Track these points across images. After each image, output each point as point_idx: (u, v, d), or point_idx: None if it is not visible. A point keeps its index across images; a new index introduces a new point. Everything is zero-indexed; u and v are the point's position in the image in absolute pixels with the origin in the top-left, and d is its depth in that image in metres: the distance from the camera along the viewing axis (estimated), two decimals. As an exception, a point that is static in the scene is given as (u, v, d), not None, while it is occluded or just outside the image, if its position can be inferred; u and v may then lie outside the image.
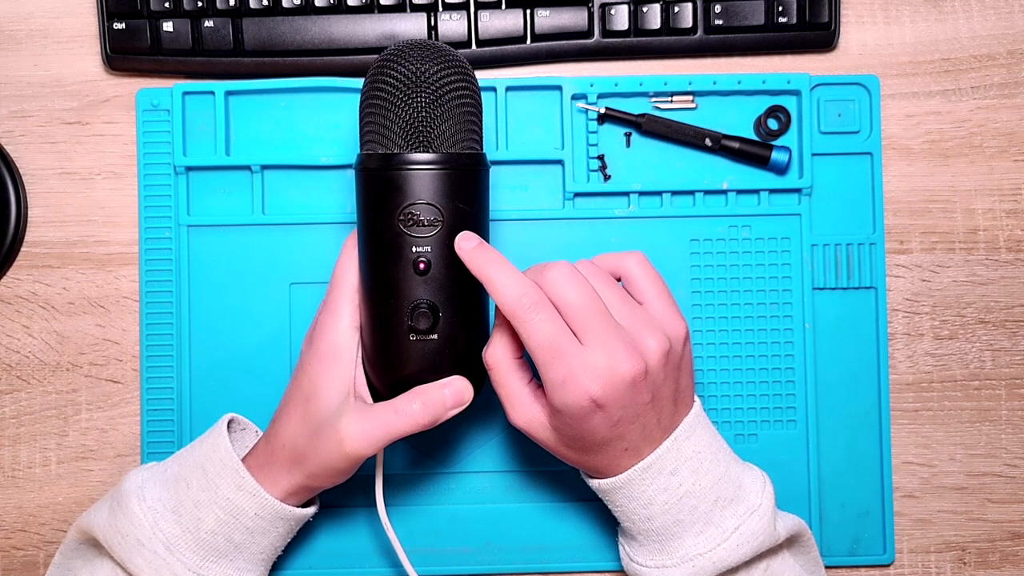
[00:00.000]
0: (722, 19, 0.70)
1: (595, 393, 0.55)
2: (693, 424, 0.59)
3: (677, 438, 0.58)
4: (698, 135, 0.70)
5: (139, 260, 0.70)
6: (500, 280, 0.55)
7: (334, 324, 0.60)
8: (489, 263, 0.56)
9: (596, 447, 0.57)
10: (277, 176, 0.70)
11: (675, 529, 0.59)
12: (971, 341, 0.71)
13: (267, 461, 0.60)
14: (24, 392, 0.71)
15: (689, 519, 0.58)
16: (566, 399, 0.55)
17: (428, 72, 0.57)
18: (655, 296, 0.59)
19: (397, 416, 0.58)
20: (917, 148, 0.71)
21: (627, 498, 0.59)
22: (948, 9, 0.72)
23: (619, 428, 0.56)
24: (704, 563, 0.58)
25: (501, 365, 0.58)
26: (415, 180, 0.56)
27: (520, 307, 0.54)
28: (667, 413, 0.58)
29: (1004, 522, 0.71)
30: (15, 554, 0.70)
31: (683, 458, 0.58)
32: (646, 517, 0.59)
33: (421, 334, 0.58)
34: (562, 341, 0.55)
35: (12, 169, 0.71)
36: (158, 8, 0.69)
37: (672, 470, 0.58)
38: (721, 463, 0.59)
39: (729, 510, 0.59)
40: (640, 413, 0.57)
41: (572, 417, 0.56)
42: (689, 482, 0.58)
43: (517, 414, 0.58)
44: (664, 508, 0.58)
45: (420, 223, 0.57)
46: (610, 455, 0.58)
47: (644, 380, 0.56)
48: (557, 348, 0.54)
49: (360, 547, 0.69)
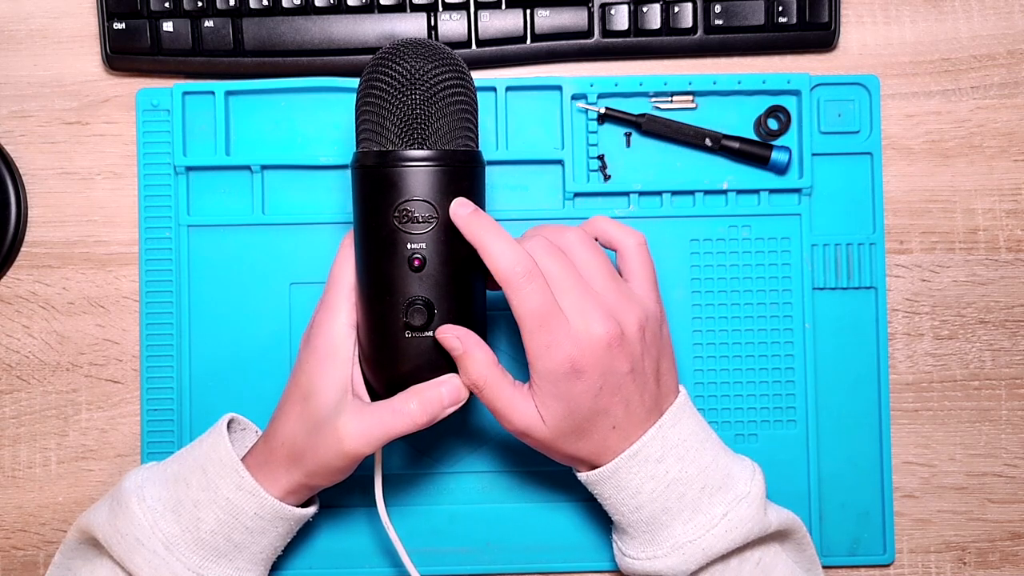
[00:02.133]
0: (722, 19, 0.70)
1: (573, 354, 0.56)
2: (678, 413, 0.60)
3: (662, 425, 0.59)
4: (698, 135, 0.70)
5: (139, 260, 0.70)
6: (495, 247, 0.56)
7: (331, 323, 0.60)
8: (484, 230, 0.57)
9: (585, 425, 0.58)
10: (277, 176, 0.70)
11: (664, 518, 0.59)
12: (971, 341, 0.71)
13: (266, 460, 0.60)
14: (24, 392, 0.71)
15: (677, 507, 0.59)
16: (548, 364, 0.56)
17: (423, 70, 0.57)
18: (642, 278, 0.60)
19: (395, 415, 0.58)
20: (917, 148, 0.71)
21: (616, 488, 0.59)
22: (948, 9, 0.72)
23: (602, 399, 0.57)
24: (693, 550, 0.58)
25: (490, 377, 0.58)
26: (410, 177, 0.57)
27: (514, 275, 0.56)
28: (650, 393, 0.59)
29: (1004, 522, 0.71)
30: (15, 554, 0.70)
31: (669, 445, 0.59)
32: (635, 507, 0.59)
33: (416, 331, 0.58)
34: (550, 309, 0.56)
35: (12, 169, 0.71)
36: (158, 8, 0.69)
37: (658, 457, 0.58)
38: (708, 452, 0.60)
39: (717, 497, 0.59)
40: (621, 384, 0.57)
41: (556, 385, 0.56)
42: (676, 469, 0.59)
43: (516, 417, 0.58)
44: (652, 496, 0.59)
45: (415, 220, 0.57)
46: (598, 435, 0.58)
47: (620, 346, 0.57)
48: (544, 316, 0.56)
49: (360, 547, 0.69)
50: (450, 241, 0.57)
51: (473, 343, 0.58)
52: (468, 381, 0.58)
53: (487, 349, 0.58)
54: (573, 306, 0.57)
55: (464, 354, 0.57)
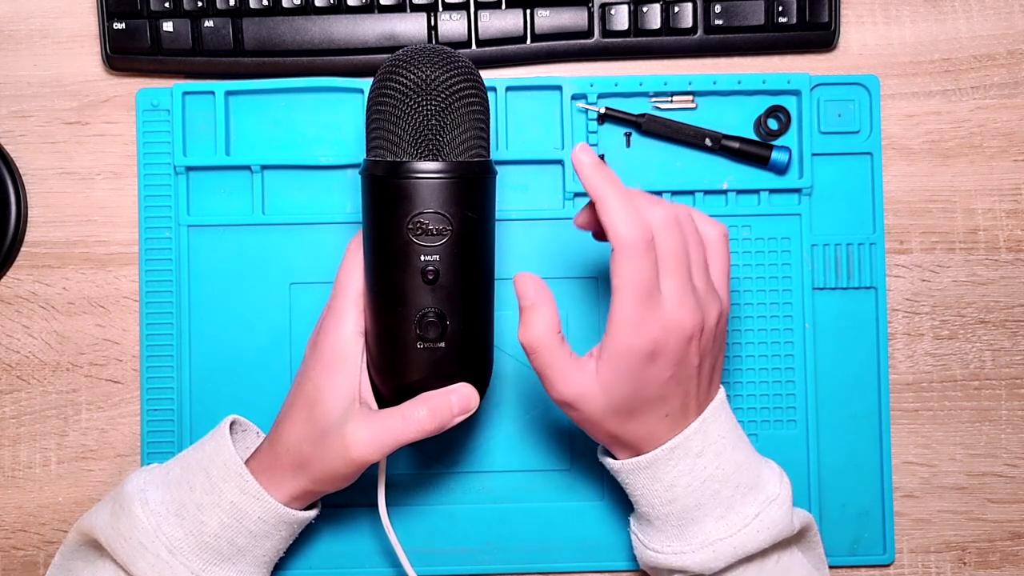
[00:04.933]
0: (722, 19, 0.70)
1: (658, 337, 0.55)
2: (718, 409, 0.60)
3: (705, 420, 0.59)
4: (698, 135, 0.70)
5: (139, 260, 0.70)
6: (616, 209, 0.55)
7: (339, 329, 0.60)
8: (608, 185, 0.55)
9: (642, 408, 0.57)
10: (277, 176, 0.70)
11: (696, 513, 0.59)
12: (971, 341, 0.71)
13: (271, 465, 0.60)
14: (24, 392, 0.71)
15: (711, 503, 0.58)
16: (632, 341, 0.55)
17: (438, 79, 0.56)
18: (720, 272, 0.60)
19: (403, 422, 0.58)
20: (917, 148, 0.71)
21: (651, 479, 0.59)
22: (948, 9, 0.72)
23: (668, 387, 0.57)
24: (724, 548, 0.58)
25: (547, 341, 0.56)
26: (424, 189, 0.56)
27: (632, 244, 0.54)
28: (703, 388, 0.59)
29: (1004, 522, 0.71)
30: (15, 554, 0.70)
31: (709, 441, 0.59)
32: (668, 500, 0.59)
33: (429, 342, 0.57)
34: (653, 287, 0.55)
35: (12, 169, 0.71)
36: (158, 8, 0.69)
37: (698, 452, 0.58)
38: (742, 451, 0.60)
39: (750, 497, 0.59)
40: (688, 376, 0.57)
41: (630, 364, 0.55)
42: (713, 466, 0.58)
43: (567, 387, 0.57)
44: (687, 491, 0.58)
45: (429, 232, 0.56)
46: (650, 421, 0.58)
47: (699, 340, 0.57)
48: (646, 293, 0.55)
49: (361, 548, 0.69)
50: (463, 253, 0.57)
51: (546, 299, 0.56)
52: (526, 339, 0.57)
53: (556, 311, 0.57)
54: (672, 290, 0.56)
55: (532, 307, 0.56)
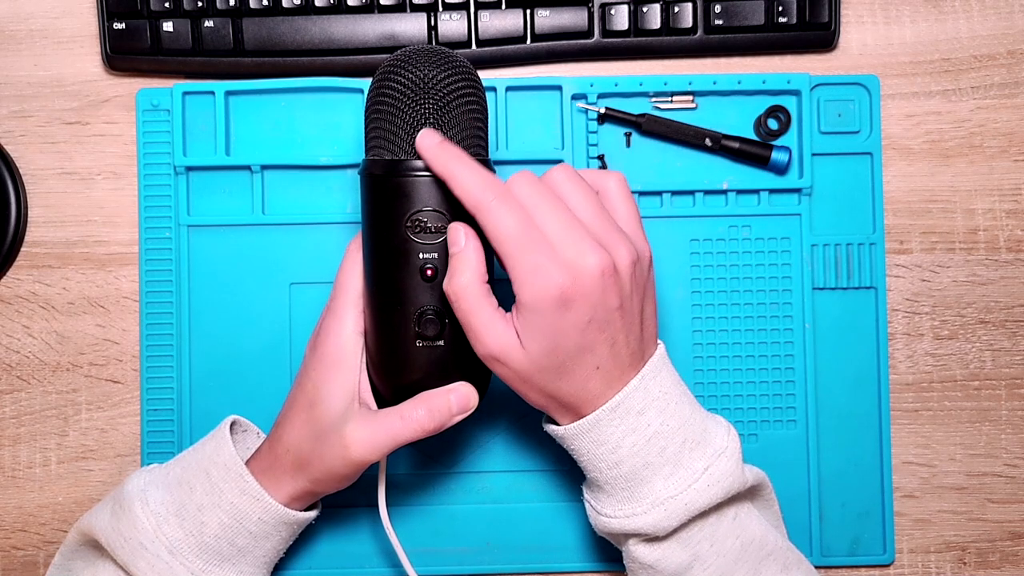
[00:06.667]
0: (722, 19, 0.70)
1: (563, 283, 0.53)
2: (659, 365, 0.58)
3: (644, 376, 0.57)
4: (698, 135, 0.70)
5: (139, 260, 0.70)
6: (463, 175, 0.54)
7: (338, 329, 0.60)
8: (453, 159, 0.55)
9: (569, 361, 0.55)
10: (277, 176, 0.70)
11: (644, 472, 0.57)
12: (971, 341, 0.71)
13: (271, 466, 0.60)
14: (24, 392, 0.71)
15: (658, 461, 0.57)
16: (535, 292, 0.53)
17: (436, 78, 0.56)
18: (627, 216, 0.58)
19: (403, 422, 0.58)
20: (917, 148, 0.71)
21: (594, 443, 0.57)
22: (948, 9, 0.72)
23: (589, 334, 0.55)
24: (676, 506, 0.57)
25: (470, 290, 0.55)
26: (423, 187, 0.56)
27: (485, 199, 0.53)
28: (635, 336, 0.57)
29: (1004, 522, 0.71)
30: (15, 554, 0.70)
31: (650, 398, 0.57)
32: (614, 462, 0.57)
33: (428, 340, 0.58)
34: (530, 232, 0.53)
35: (12, 169, 0.71)
36: (158, 8, 0.69)
37: (640, 410, 0.57)
38: (686, 406, 0.58)
39: (697, 452, 0.58)
40: (610, 320, 0.55)
41: (543, 316, 0.54)
42: (657, 423, 0.57)
43: (491, 339, 0.55)
44: (632, 451, 0.57)
45: (427, 230, 0.57)
46: (580, 375, 0.56)
47: (612, 279, 0.54)
48: (525, 238, 0.53)
49: (361, 548, 0.69)
50: None
51: (474, 247, 0.55)
52: (449, 287, 0.55)
53: (483, 261, 0.56)
54: (560, 234, 0.54)
55: (460, 252, 0.55)
